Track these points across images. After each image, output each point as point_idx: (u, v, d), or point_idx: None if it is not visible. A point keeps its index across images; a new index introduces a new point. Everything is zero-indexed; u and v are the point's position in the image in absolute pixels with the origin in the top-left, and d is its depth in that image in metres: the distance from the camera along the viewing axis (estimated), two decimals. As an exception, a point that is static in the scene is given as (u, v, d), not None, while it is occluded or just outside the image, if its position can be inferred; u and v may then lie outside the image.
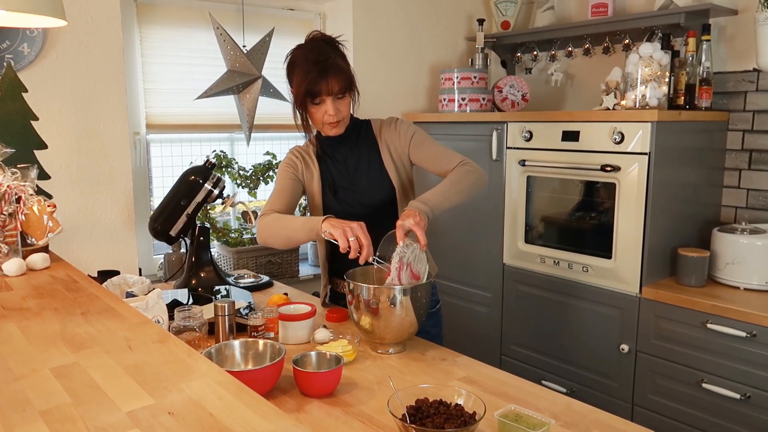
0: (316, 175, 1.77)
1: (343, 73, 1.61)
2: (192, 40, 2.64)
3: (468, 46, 3.27)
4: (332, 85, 1.59)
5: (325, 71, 1.58)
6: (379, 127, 1.78)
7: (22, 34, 2.07)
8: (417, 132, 1.76)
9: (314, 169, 1.78)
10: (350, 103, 1.69)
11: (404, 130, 1.76)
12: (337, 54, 1.63)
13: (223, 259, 2.73)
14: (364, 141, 1.77)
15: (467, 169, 1.66)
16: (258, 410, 0.71)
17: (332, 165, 1.78)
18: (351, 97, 1.68)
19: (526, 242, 2.57)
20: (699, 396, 2.07)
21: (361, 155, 1.76)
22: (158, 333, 0.98)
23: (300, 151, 1.81)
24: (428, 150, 1.73)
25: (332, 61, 1.59)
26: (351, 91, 1.66)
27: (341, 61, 1.62)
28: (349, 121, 1.74)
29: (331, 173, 1.78)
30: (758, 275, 2.09)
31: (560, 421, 1.18)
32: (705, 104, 2.36)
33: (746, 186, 2.42)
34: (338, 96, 1.63)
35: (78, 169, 2.24)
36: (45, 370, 0.83)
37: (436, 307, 1.84)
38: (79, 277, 1.36)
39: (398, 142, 1.75)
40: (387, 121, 1.79)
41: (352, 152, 1.77)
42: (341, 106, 1.65)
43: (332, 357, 1.33)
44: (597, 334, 2.34)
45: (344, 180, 1.76)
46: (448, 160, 1.70)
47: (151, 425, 0.67)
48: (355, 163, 1.76)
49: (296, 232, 1.59)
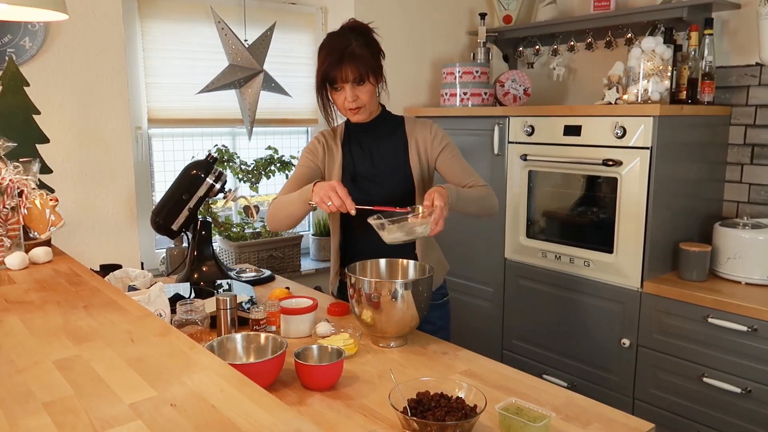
0: (338, 161, 1.79)
1: (361, 60, 1.61)
2: (193, 35, 2.64)
3: (470, 41, 3.26)
4: (346, 73, 1.61)
5: (341, 59, 1.60)
6: (413, 125, 1.79)
7: (24, 28, 2.07)
8: (451, 143, 1.79)
9: (337, 154, 1.79)
10: (372, 91, 1.68)
11: (440, 136, 1.78)
12: (361, 41, 1.63)
13: (224, 253, 2.73)
14: (394, 134, 1.78)
15: (491, 193, 1.74)
16: (260, 402, 0.72)
17: (357, 152, 1.79)
18: (374, 84, 1.67)
19: (527, 237, 2.57)
20: (700, 390, 2.07)
21: (388, 147, 1.77)
22: (160, 326, 0.98)
23: (325, 136, 1.83)
24: (456, 162, 1.77)
25: (351, 49, 1.60)
26: (372, 79, 1.65)
27: (362, 49, 1.62)
28: (379, 110, 1.77)
29: (354, 160, 1.78)
30: (760, 270, 2.09)
31: (561, 414, 1.18)
32: (707, 99, 2.36)
33: (748, 181, 2.42)
34: (357, 83, 1.64)
35: (80, 163, 2.24)
36: (48, 363, 0.83)
37: (443, 299, 1.86)
38: (81, 270, 1.37)
39: (430, 144, 1.76)
40: (423, 122, 1.80)
41: (379, 143, 1.78)
42: (360, 94, 1.65)
43: (334, 350, 1.34)
44: (598, 328, 2.35)
45: (366, 168, 1.77)
46: (472, 176, 1.76)
47: (153, 417, 0.68)
48: (380, 154, 1.77)
49: (294, 206, 1.63)
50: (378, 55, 1.68)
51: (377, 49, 1.69)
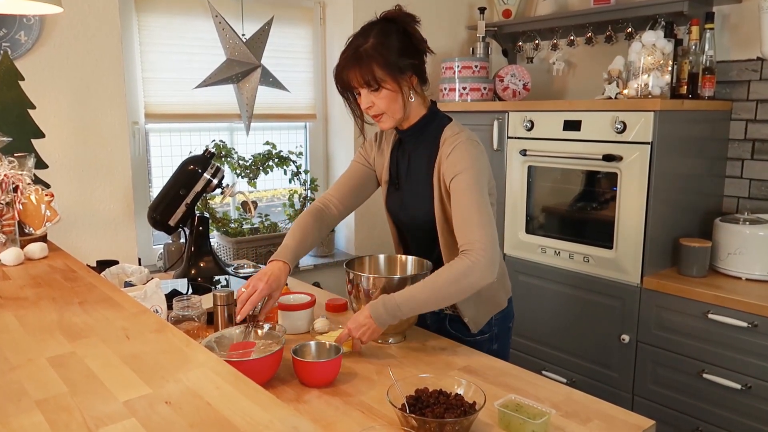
0: (386, 165, 1.62)
1: (369, 65, 1.38)
2: (191, 29, 2.62)
3: (469, 35, 3.25)
4: (352, 77, 1.41)
5: (347, 61, 1.42)
6: (445, 138, 1.49)
7: (19, 21, 2.05)
8: (466, 170, 1.40)
9: (386, 156, 1.62)
10: (391, 98, 1.42)
11: (455, 159, 1.43)
12: (381, 40, 1.40)
13: (222, 249, 2.72)
14: (430, 144, 1.51)
15: (462, 269, 1.33)
16: (256, 400, 0.71)
17: (401, 157, 1.59)
18: (393, 90, 1.42)
19: (527, 232, 2.56)
20: (700, 386, 2.06)
21: (422, 158, 1.53)
22: (156, 323, 0.97)
23: (382, 135, 1.65)
24: (461, 198, 1.39)
25: (362, 51, 1.39)
26: (390, 84, 1.41)
27: (377, 50, 1.39)
28: (421, 114, 1.51)
29: (398, 166, 1.59)
30: (760, 265, 2.08)
31: (561, 410, 1.18)
32: (708, 93, 2.35)
33: (749, 176, 2.41)
34: (370, 88, 1.42)
35: (76, 158, 2.23)
36: (42, 360, 0.82)
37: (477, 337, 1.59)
38: (77, 266, 1.35)
39: (445, 167, 1.45)
40: (452, 137, 1.47)
41: (415, 151, 1.55)
42: (376, 100, 1.42)
43: (332, 347, 1.33)
44: (598, 324, 2.34)
45: (403, 177, 1.59)
46: (465, 225, 1.37)
47: (147, 415, 0.67)
48: (415, 165, 1.55)
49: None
50: (404, 56, 1.41)
51: (406, 47, 1.43)
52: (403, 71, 1.43)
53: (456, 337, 1.58)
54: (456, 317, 1.58)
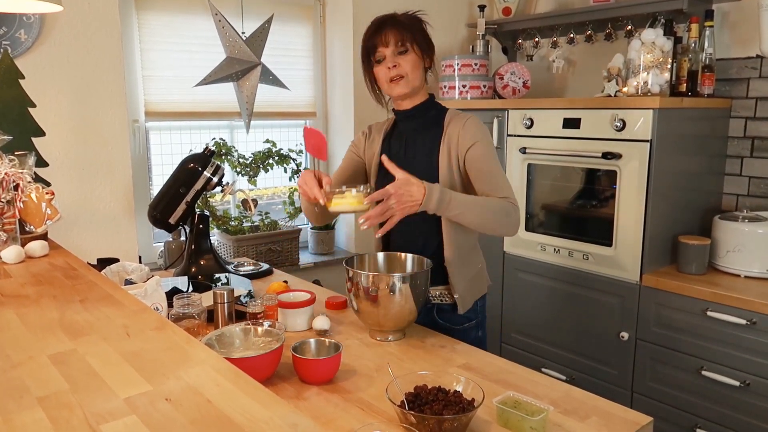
0: (377, 151, 1.71)
1: (403, 28, 1.56)
2: (191, 27, 2.62)
3: (469, 33, 3.25)
4: (387, 37, 1.56)
5: (381, 26, 1.57)
6: (450, 118, 1.63)
7: (19, 20, 2.06)
8: (483, 140, 1.57)
9: (377, 144, 1.72)
10: (415, 63, 1.58)
11: (473, 130, 1.57)
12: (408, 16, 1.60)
13: (222, 246, 2.72)
14: (433, 128, 1.64)
15: (510, 208, 1.50)
16: (256, 397, 0.71)
17: (394, 143, 1.70)
18: (418, 56, 1.58)
19: (526, 230, 2.57)
20: (698, 383, 2.07)
21: (424, 141, 1.64)
22: (156, 320, 0.98)
23: (371, 128, 1.78)
24: (483, 164, 1.55)
25: (401, 17, 1.59)
26: (417, 49, 1.58)
27: (408, 19, 1.59)
28: (426, 97, 1.65)
29: (391, 151, 1.68)
30: (759, 263, 2.09)
31: (559, 408, 1.18)
32: (707, 91, 2.35)
33: (748, 173, 2.41)
34: (398, 51, 1.56)
35: (77, 156, 2.23)
36: (43, 357, 0.82)
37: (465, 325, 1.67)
38: (78, 264, 1.36)
39: (459, 139, 1.57)
40: (460, 115, 1.63)
41: (417, 135, 1.66)
42: (402, 62, 1.56)
43: (331, 344, 1.33)
44: (597, 321, 2.34)
45: (398, 161, 1.59)
46: (494, 186, 1.53)
47: (148, 412, 0.67)
48: (415, 148, 1.66)
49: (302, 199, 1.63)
50: (425, 33, 1.61)
51: (426, 31, 1.62)
52: (427, 49, 1.61)
53: (446, 328, 1.63)
54: (444, 306, 1.65)
